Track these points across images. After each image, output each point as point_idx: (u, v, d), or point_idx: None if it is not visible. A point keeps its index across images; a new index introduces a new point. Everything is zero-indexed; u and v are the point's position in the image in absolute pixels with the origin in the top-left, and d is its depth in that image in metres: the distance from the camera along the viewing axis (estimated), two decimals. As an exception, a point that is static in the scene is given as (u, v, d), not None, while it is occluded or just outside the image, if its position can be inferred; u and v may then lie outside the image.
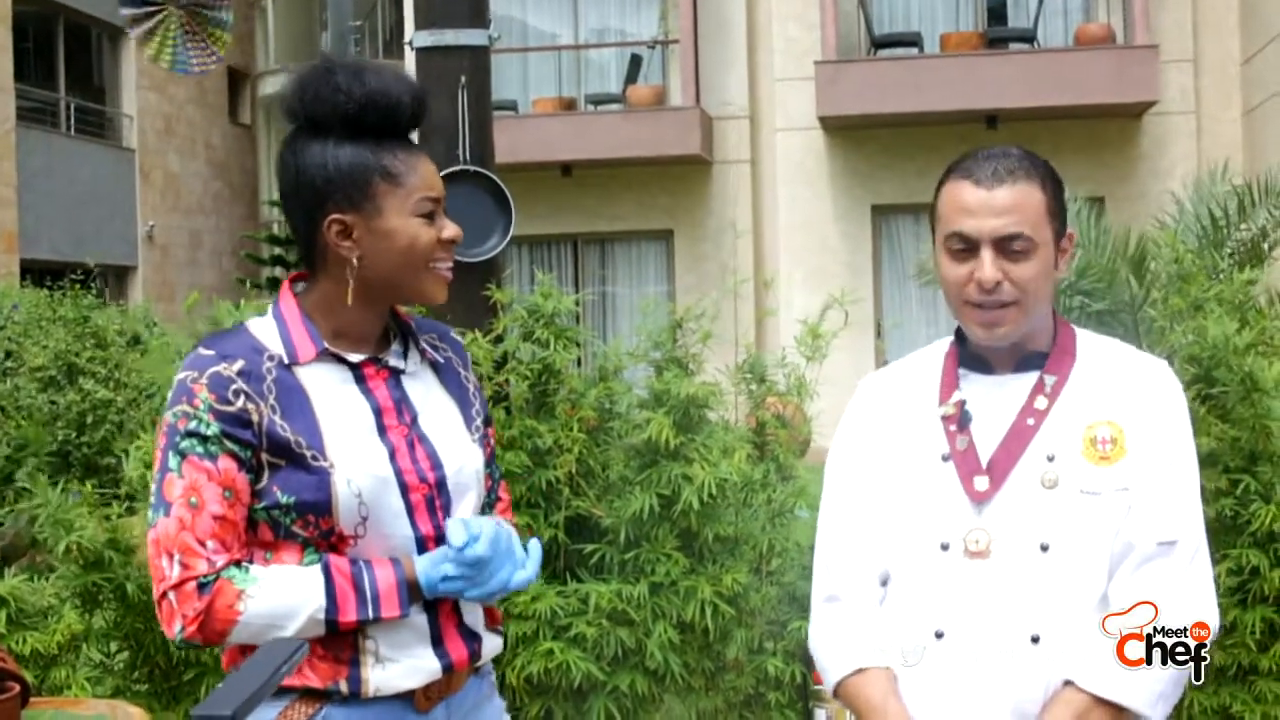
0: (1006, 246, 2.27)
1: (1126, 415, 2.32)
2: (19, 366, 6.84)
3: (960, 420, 2.37)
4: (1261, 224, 7.44)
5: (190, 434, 2.13)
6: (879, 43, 14.67)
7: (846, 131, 14.46)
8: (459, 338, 2.50)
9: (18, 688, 3.71)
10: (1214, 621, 2.29)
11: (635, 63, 15.25)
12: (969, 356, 2.42)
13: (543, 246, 15.24)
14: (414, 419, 2.28)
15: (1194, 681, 2.49)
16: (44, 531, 4.49)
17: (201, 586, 2.09)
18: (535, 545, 2.29)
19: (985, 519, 2.30)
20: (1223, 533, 4.55)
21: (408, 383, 2.32)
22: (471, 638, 2.33)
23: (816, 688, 4.77)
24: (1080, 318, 6.20)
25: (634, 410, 5.09)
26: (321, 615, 2.12)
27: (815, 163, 14.71)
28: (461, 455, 2.32)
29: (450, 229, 2.28)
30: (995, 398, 2.37)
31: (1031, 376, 2.37)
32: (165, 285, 21.69)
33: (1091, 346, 2.43)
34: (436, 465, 2.27)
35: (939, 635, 2.30)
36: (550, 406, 5.00)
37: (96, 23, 22.02)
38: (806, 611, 2.51)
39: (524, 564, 2.26)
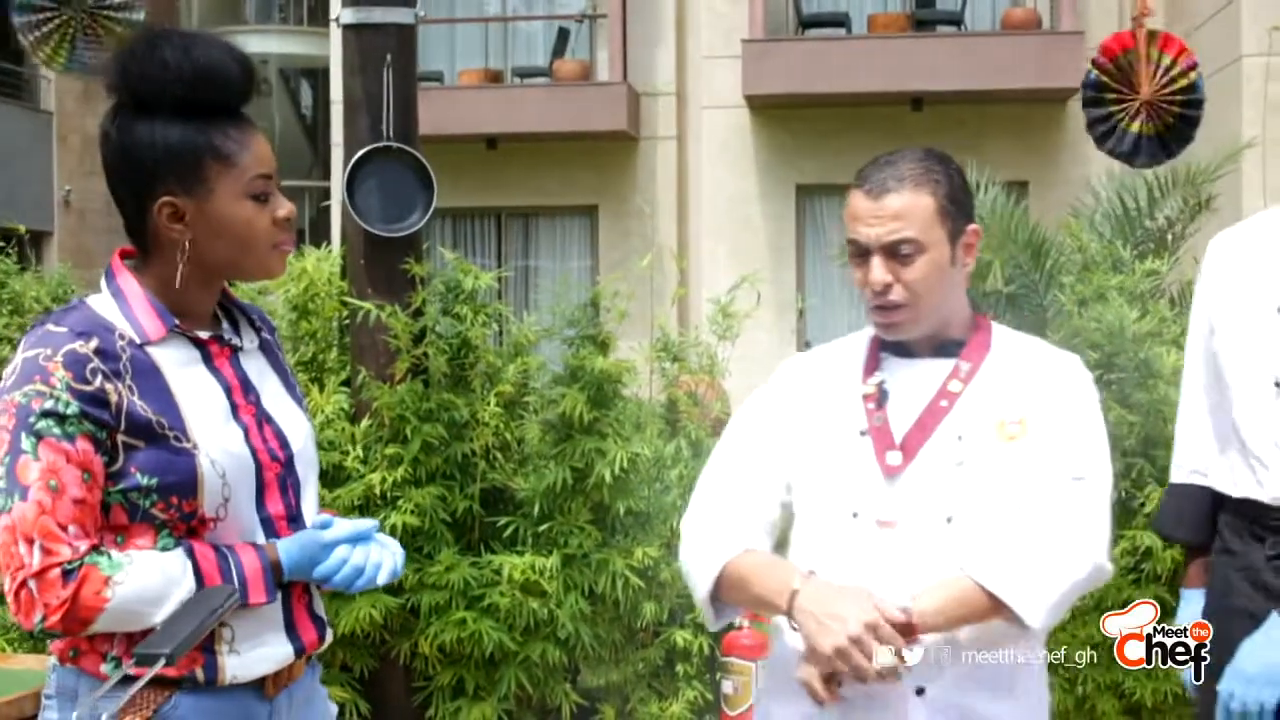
0: (895, 250, 2.40)
1: (1036, 404, 2.44)
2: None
3: (879, 398, 2.48)
4: (1168, 214, 7.58)
5: (47, 414, 2.02)
6: (806, 22, 14.70)
7: (772, 110, 14.49)
8: (271, 318, 2.45)
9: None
10: (1108, 566, 2.39)
11: (563, 36, 15.22)
12: (890, 342, 2.54)
13: (466, 220, 15.19)
14: (258, 398, 2.25)
15: (1194, 681, 2.62)
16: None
17: (66, 574, 2.00)
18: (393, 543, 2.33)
19: (895, 491, 2.41)
20: (1119, 515, 4.69)
21: (245, 360, 2.27)
22: (318, 622, 2.32)
23: (724, 659, 4.87)
24: (994, 300, 6.33)
25: (549, 386, 5.16)
26: None
27: (741, 141, 14.73)
28: (302, 433, 2.31)
29: (285, 207, 2.21)
30: (913, 380, 2.49)
31: (948, 362, 2.49)
32: (82, 251, 21.29)
33: (1007, 339, 2.55)
34: (284, 444, 2.25)
35: None
36: (467, 380, 5.06)
37: (15, -18, 21.61)
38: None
39: (395, 557, 2.30)
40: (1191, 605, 2.87)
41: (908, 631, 2.26)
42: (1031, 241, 5.81)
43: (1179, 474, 2.98)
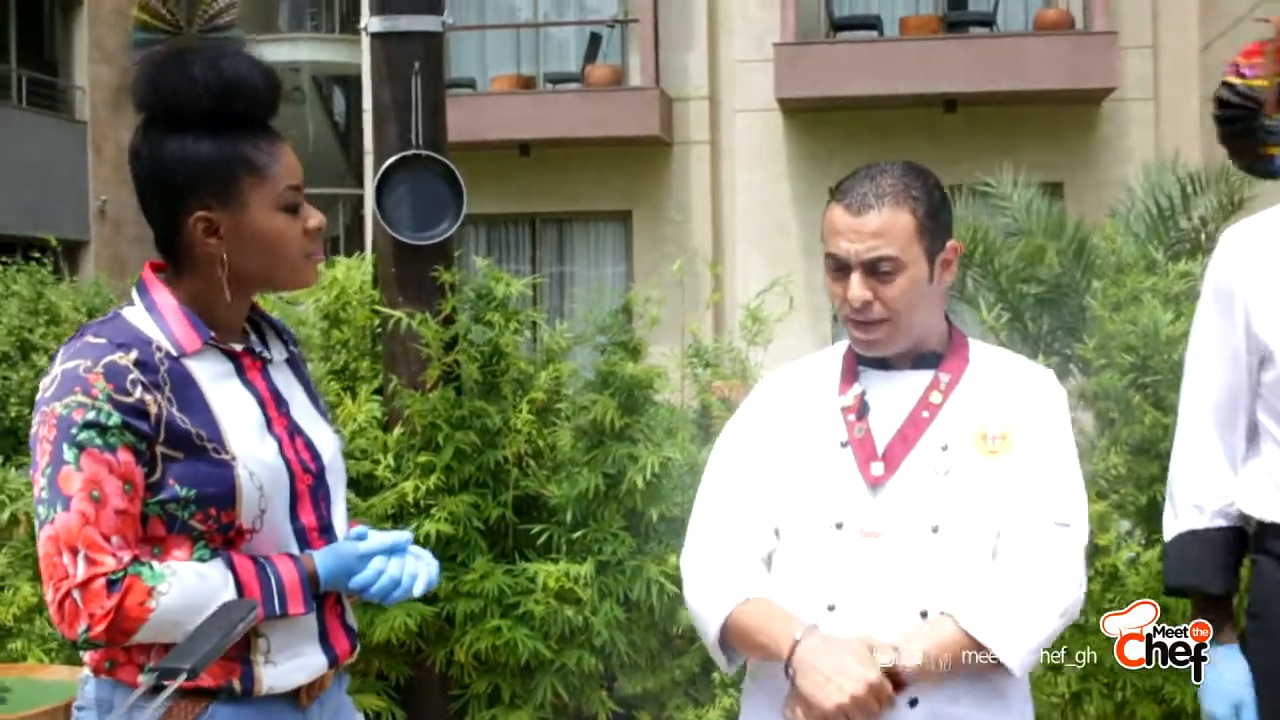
0: (875, 268, 2.41)
1: (1015, 415, 2.46)
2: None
3: (859, 410, 2.50)
4: (1201, 213, 7.52)
5: (89, 425, 2.03)
6: (838, 25, 14.71)
7: (805, 114, 14.48)
8: (295, 331, 2.47)
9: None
10: (1079, 609, 2.44)
11: (594, 41, 15.25)
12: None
13: (500, 226, 15.23)
14: (288, 410, 2.28)
15: (1194, 682, 2.62)
16: (-5, 507, 4.52)
17: (111, 584, 2.00)
18: (428, 555, 2.35)
19: (880, 501, 2.42)
20: (1155, 517, 4.64)
21: (273, 373, 2.29)
22: (350, 632, 2.35)
23: (759, 666, 4.84)
24: (1030, 303, 6.29)
25: (581, 392, 5.15)
26: None
27: (773, 145, 14.72)
28: (330, 445, 2.34)
29: (315, 218, 2.24)
30: (892, 392, 2.51)
31: (927, 374, 2.51)
32: (117, 261, 21.40)
33: (983, 353, 2.58)
34: (315, 455, 2.28)
35: (831, 608, 2.40)
36: (499, 388, 5.05)
37: (48, -5, 21.79)
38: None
39: (430, 568, 2.33)
40: (1234, 661, 2.69)
41: (901, 685, 2.30)
42: (1076, 236, 5.78)
43: (1198, 518, 2.76)
